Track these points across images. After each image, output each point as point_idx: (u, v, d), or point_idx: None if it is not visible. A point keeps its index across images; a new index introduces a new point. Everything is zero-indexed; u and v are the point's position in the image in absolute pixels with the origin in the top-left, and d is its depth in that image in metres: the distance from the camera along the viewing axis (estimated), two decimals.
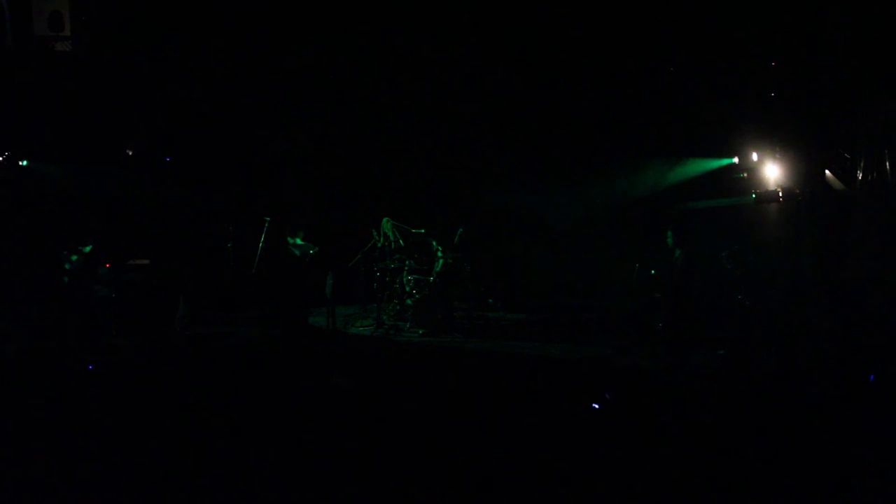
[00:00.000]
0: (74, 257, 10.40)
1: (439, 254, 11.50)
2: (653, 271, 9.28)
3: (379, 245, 11.60)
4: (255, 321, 11.59)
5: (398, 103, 14.13)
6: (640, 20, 12.46)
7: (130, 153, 13.85)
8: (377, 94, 14.05)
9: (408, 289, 11.38)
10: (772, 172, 11.53)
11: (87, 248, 10.57)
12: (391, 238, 11.62)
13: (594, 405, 6.57)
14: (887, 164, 9.26)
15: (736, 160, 12.44)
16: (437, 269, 11.36)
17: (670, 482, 5.26)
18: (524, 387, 8.01)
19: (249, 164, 14.24)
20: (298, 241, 10.68)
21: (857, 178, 9.80)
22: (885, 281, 9.22)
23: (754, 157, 11.87)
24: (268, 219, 11.12)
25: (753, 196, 11.63)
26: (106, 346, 10.05)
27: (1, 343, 10.20)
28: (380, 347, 10.32)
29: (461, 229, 11.89)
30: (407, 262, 11.58)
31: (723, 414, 6.88)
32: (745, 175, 12.15)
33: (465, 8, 13.07)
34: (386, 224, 11.61)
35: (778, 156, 11.44)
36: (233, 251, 11.73)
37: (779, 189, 11.24)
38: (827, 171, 10.47)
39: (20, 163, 12.86)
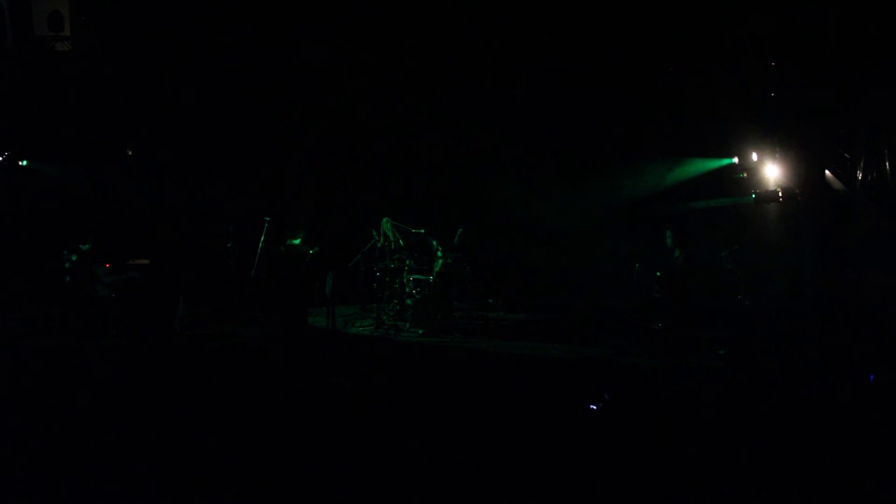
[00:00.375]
0: (74, 257, 10.39)
1: (439, 254, 11.49)
2: (658, 273, 9.27)
3: (379, 245, 11.58)
4: (255, 321, 11.58)
5: (398, 103, 14.13)
6: (641, 20, 12.46)
7: (130, 153, 13.86)
8: (377, 93, 14.05)
9: (408, 289, 11.37)
10: (772, 172, 11.53)
11: (87, 247, 10.55)
12: (391, 238, 11.60)
13: (593, 405, 6.57)
14: (887, 164, 9.27)
15: (736, 160, 12.45)
16: (437, 269, 11.36)
17: (670, 482, 5.26)
18: (524, 387, 8.01)
19: (249, 163, 14.23)
20: (296, 242, 10.62)
21: (857, 178, 9.81)
22: (885, 281, 9.22)
23: (754, 157, 11.87)
24: (268, 219, 11.11)
25: (753, 196, 11.63)
26: (106, 346, 10.04)
27: (2, 343, 10.20)
28: (380, 347, 10.31)
29: (461, 229, 11.91)
30: (407, 262, 11.57)
31: (723, 414, 6.89)
32: (745, 175, 12.15)
33: (466, 8, 13.08)
34: (386, 224, 11.59)
35: (778, 156, 11.43)
36: (233, 251, 11.73)
37: (779, 189, 11.23)
38: (827, 171, 10.47)
39: (20, 163, 12.88)
